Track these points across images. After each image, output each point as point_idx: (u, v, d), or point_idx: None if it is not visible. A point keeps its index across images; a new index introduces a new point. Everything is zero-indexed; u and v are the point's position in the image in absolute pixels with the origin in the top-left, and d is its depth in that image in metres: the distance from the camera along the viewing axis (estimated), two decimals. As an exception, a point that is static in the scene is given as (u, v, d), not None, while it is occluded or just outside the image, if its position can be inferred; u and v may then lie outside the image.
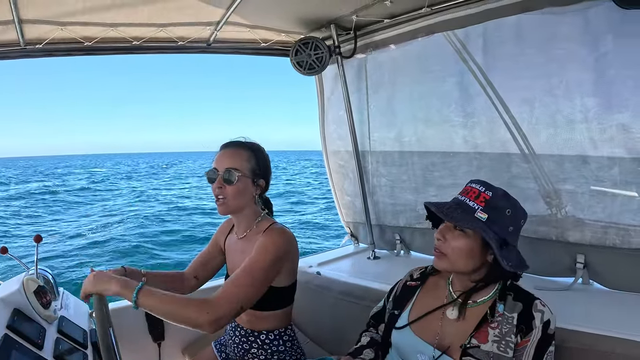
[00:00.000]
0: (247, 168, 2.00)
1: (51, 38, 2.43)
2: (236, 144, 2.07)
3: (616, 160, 2.15)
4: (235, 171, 1.95)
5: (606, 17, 2.02)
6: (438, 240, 1.64)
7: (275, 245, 1.89)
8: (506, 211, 1.59)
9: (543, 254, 2.46)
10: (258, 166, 2.04)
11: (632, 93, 2.04)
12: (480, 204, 1.57)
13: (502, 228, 1.57)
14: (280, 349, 2.12)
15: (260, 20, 2.76)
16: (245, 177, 1.99)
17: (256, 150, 2.07)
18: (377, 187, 3.33)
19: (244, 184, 1.99)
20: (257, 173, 2.03)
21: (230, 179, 1.95)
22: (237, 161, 1.99)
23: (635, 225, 2.15)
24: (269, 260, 1.85)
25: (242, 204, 2.03)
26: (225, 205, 1.99)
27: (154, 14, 2.44)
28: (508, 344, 1.48)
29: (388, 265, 3.13)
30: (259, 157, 2.06)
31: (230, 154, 2.02)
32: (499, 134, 2.54)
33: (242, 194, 2.00)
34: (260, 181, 2.06)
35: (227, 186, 1.97)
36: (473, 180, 1.68)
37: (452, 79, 2.68)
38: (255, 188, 2.04)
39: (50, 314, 1.82)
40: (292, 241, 1.99)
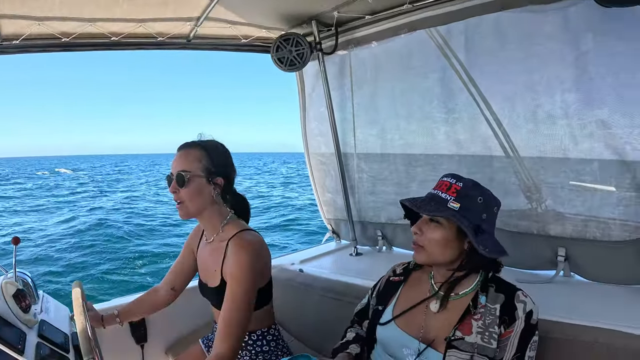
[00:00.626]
0: (198, 167, 1.94)
1: (28, 34, 2.36)
2: (187, 145, 2.01)
3: (595, 155, 2.20)
4: (185, 173, 1.91)
5: (586, 15, 2.06)
6: (415, 234, 1.67)
7: (249, 264, 1.86)
8: (477, 199, 1.62)
9: (525, 247, 2.51)
10: (212, 164, 1.98)
11: (612, 89, 2.08)
12: (452, 195, 1.61)
13: (475, 215, 1.60)
14: (265, 349, 2.12)
15: (241, 16, 2.73)
16: (198, 177, 1.93)
17: (209, 148, 2.02)
18: (358, 184, 3.34)
19: (197, 185, 1.93)
20: (211, 171, 1.97)
21: (182, 181, 1.91)
22: (188, 162, 1.94)
23: (615, 219, 2.20)
24: (248, 283, 1.85)
25: (200, 206, 1.97)
26: (184, 209, 1.95)
27: (133, 8, 2.39)
28: (492, 335, 1.51)
29: (370, 262, 3.15)
30: (213, 155, 2.00)
31: (180, 155, 1.98)
32: (481, 130, 2.57)
33: (198, 195, 1.94)
34: (217, 179, 1.98)
35: (180, 189, 1.92)
36: (446, 174, 1.71)
37: (433, 75, 2.70)
38: (212, 187, 1.97)
39: (31, 318, 1.79)
40: (262, 248, 1.97)
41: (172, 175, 1.94)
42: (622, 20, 1.97)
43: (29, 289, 2.04)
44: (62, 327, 1.97)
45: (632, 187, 2.13)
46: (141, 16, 2.50)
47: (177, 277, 2.30)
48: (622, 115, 2.07)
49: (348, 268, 2.99)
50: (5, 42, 2.41)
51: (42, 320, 1.89)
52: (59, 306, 2.24)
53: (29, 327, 1.76)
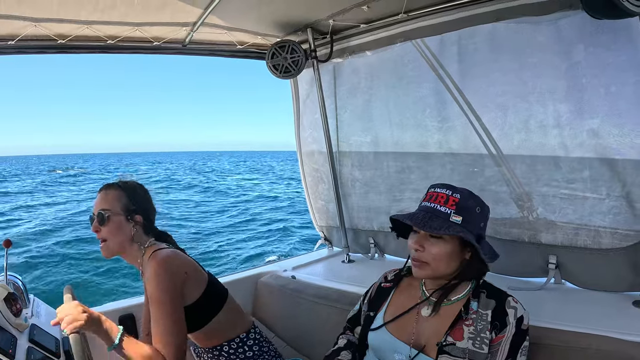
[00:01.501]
0: (117, 206, 2.01)
1: (24, 35, 2.35)
2: (107, 186, 2.08)
3: (586, 164, 2.23)
4: (105, 211, 1.97)
5: (578, 26, 2.10)
6: (417, 251, 1.65)
7: (159, 286, 1.87)
8: (476, 209, 1.65)
9: (516, 255, 2.52)
10: (130, 202, 2.05)
11: (603, 100, 2.11)
12: (451, 208, 1.61)
13: (476, 226, 1.63)
14: (249, 354, 2.12)
15: (237, 22, 2.75)
16: (117, 214, 1.99)
17: (127, 189, 2.09)
18: (351, 191, 3.35)
19: (117, 222, 1.99)
20: (130, 209, 2.03)
21: (102, 219, 1.97)
22: (107, 202, 2.01)
23: (605, 227, 2.22)
24: (166, 304, 1.85)
25: (121, 243, 2.01)
26: (106, 247, 2.00)
27: (131, 12, 2.39)
28: (483, 340, 1.52)
29: (362, 269, 3.15)
30: (131, 194, 2.07)
31: (101, 197, 2.04)
32: (473, 139, 2.59)
33: (118, 232, 1.99)
34: (136, 217, 2.04)
35: (101, 227, 1.98)
36: (434, 185, 1.72)
37: (427, 84, 2.72)
38: (131, 225, 2.02)
39: (21, 322, 1.77)
40: (174, 263, 1.96)
41: (94, 215, 2.00)
42: (613, 32, 2.02)
43: (20, 293, 2.02)
44: (53, 331, 1.93)
45: (621, 196, 2.16)
46: (138, 20, 2.50)
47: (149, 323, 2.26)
48: (612, 125, 2.11)
49: (340, 275, 3.00)
50: (1, 42, 2.39)
51: (33, 324, 1.86)
52: (50, 310, 2.20)
53: (19, 331, 1.73)
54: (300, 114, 3.49)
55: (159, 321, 1.83)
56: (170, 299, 1.85)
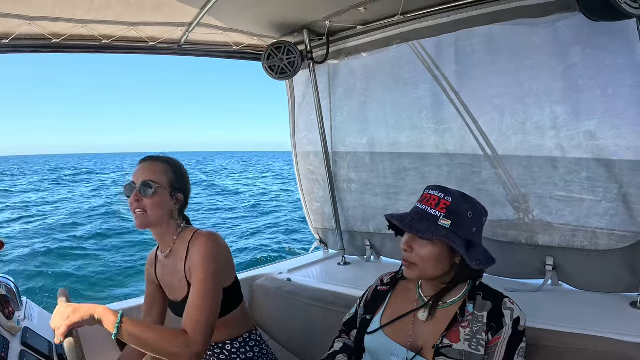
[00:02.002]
0: (164, 180, 1.95)
1: (18, 33, 2.32)
2: (153, 158, 2.03)
3: (583, 166, 2.23)
4: (152, 183, 1.90)
5: (575, 29, 2.10)
6: (405, 251, 1.65)
7: (212, 252, 1.86)
8: (467, 214, 1.62)
9: (513, 257, 2.52)
10: (176, 179, 2.00)
11: (600, 102, 2.12)
12: (441, 211, 1.60)
13: (466, 231, 1.61)
14: (249, 355, 2.09)
15: (233, 23, 2.73)
16: (163, 189, 1.93)
17: (174, 165, 2.04)
18: (347, 193, 3.34)
19: (161, 196, 1.93)
20: (175, 186, 1.98)
21: (147, 190, 1.89)
22: (155, 174, 1.94)
23: (602, 228, 2.23)
24: (212, 271, 1.82)
25: (160, 217, 1.95)
26: (143, 217, 1.92)
27: (126, 12, 2.37)
28: (479, 342, 1.52)
29: (358, 271, 3.14)
30: (177, 171, 2.02)
31: (147, 166, 1.97)
32: (470, 140, 2.59)
33: (160, 206, 1.93)
34: (179, 195, 2.00)
35: (144, 198, 1.90)
36: (430, 186, 1.71)
37: (423, 86, 2.73)
38: (173, 202, 1.98)
39: (14, 325, 1.76)
40: (221, 241, 1.96)
41: (135, 184, 1.91)
42: (610, 34, 2.02)
43: (12, 295, 1.99)
44: (46, 334, 1.92)
45: (618, 198, 2.16)
46: (133, 20, 2.49)
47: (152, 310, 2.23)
48: (609, 127, 2.12)
49: (336, 277, 2.99)
50: (-5, 41, 2.37)
51: (26, 327, 1.85)
52: (43, 313, 2.19)
53: (12, 334, 1.73)
54: (295, 115, 3.47)
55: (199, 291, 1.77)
56: (215, 272, 1.83)
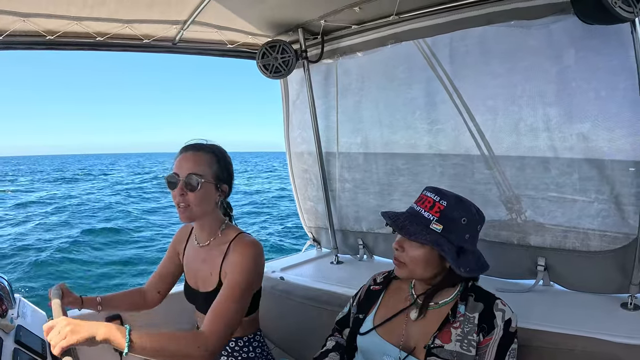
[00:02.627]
0: (209, 173, 1.90)
1: (12, 30, 2.29)
2: (198, 147, 1.96)
3: (576, 167, 2.24)
4: (197, 177, 1.85)
5: (569, 31, 2.10)
6: (396, 250, 1.66)
7: (253, 261, 1.85)
8: (461, 220, 1.61)
9: (505, 257, 2.53)
10: (221, 170, 1.95)
11: (593, 104, 2.12)
12: (435, 215, 1.60)
13: (458, 237, 1.60)
14: (251, 355, 2.08)
15: (228, 21, 2.72)
16: (208, 182, 1.89)
17: (219, 154, 1.98)
18: (340, 192, 3.34)
19: (207, 190, 1.88)
20: (220, 178, 1.94)
21: (193, 185, 1.84)
22: (200, 166, 1.89)
23: (594, 229, 2.24)
24: (248, 280, 1.82)
25: (205, 211, 1.92)
26: (189, 212, 1.88)
27: (121, 9, 2.35)
28: (470, 343, 1.53)
29: (351, 270, 3.14)
30: (222, 161, 1.97)
31: (191, 157, 1.91)
32: (463, 141, 2.60)
33: (206, 200, 1.89)
34: (224, 186, 1.96)
35: (189, 192, 1.85)
36: (428, 187, 1.70)
37: (417, 86, 2.72)
38: (218, 193, 1.95)
39: (7, 323, 1.75)
40: (262, 251, 1.94)
41: (178, 177, 1.87)
42: (604, 37, 2.02)
43: (5, 293, 1.97)
44: (39, 333, 1.91)
45: (610, 199, 2.17)
46: (128, 17, 2.46)
47: (163, 281, 2.26)
48: (602, 129, 2.12)
49: (329, 276, 2.98)
50: (-12, 37, 2.34)
51: (19, 325, 1.84)
52: (37, 311, 2.18)
53: (5, 332, 1.72)
54: (289, 114, 3.46)
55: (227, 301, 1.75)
56: (248, 287, 1.82)
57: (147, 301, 2.25)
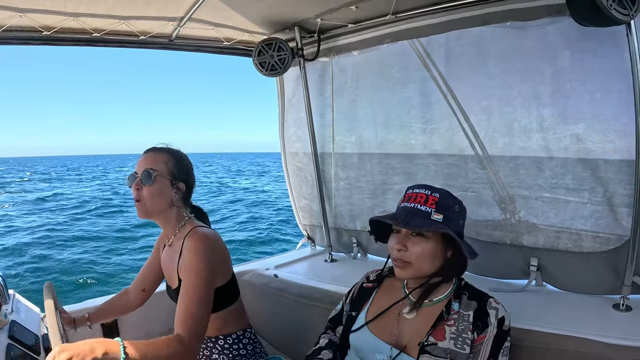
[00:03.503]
0: (164, 169, 1.97)
1: (9, 25, 2.28)
2: (156, 148, 2.06)
3: (569, 168, 2.23)
4: (152, 171, 1.93)
5: (564, 33, 2.10)
6: (399, 251, 1.64)
7: (203, 257, 1.86)
8: (455, 207, 1.66)
9: (498, 257, 2.53)
10: (177, 169, 2.02)
11: (587, 106, 2.12)
12: (432, 207, 1.61)
13: (456, 224, 1.64)
14: (242, 352, 2.09)
15: (225, 18, 2.71)
16: (163, 177, 1.96)
17: (176, 155, 2.06)
18: (335, 191, 3.33)
19: (161, 185, 1.95)
20: (175, 175, 2.00)
21: (147, 178, 1.92)
22: (155, 163, 1.97)
23: (587, 230, 2.23)
24: (203, 277, 1.83)
25: (159, 206, 1.98)
26: (142, 206, 1.94)
27: (118, 5, 2.34)
28: (465, 341, 1.52)
29: (345, 268, 3.13)
30: (179, 161, 2.04)
31: (148, 156, 2.00)
32: (457, 141, 2.59)
33: (160, 195, 1.95)
34: (180, 184, 2.02)
35: (144, 187, 1.93)
36: (411, 186, 1.72)
37: (413, 86, 2.71)
38: (174, 190, 2.00)
39: (1, 318, 1.75)
40: (216, 243, 1.98)
41: (137, 174, 1.94)
42: (599, 39, 2.02)
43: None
44: (33, 328, 1.91)
45: (603, 201, 2.17)
46: (125, 13, 2.46)
47: (147, 279, 2.29)
48: (596, 131, 2.12)
49: (322, 274, 2.98)
50: (-15, 33, 2.32)
51: (13, 320, 1.83)
52: (30, 307, 2.17)
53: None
54: (285, 112, 3.45)
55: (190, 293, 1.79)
56: (207, 274, 1.84)
57: (131, 301, 2.31)
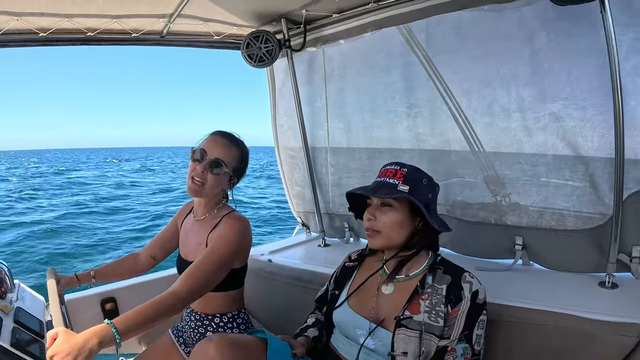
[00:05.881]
0: (233, 165, 2.05)
1: (7, 29, 2.35)
2: (232, 138, 2.09)
3: (549, 147, 2.24)
4: (224, 164, 2.00)
5: (540, 13, 2.10)
6: (369, 220, 1.71)
7: (237, 234, 1.94)
8: (423, 180, 1.72)
9: (483, 236, 2.54)
10: (241, 168, 2.10)
11: (564, 84, 2.11)
12: (399, 179, 1.67)
13: (423, 196, 1.68)
14: (235, 331, 2.13)
15: (213, 13, 2.73)
16: (227, 173, 2.03)
17: (245, 153, 2.12)
18: (325, 177, 3.36)
19: (224, 178, 2.04)
20: (237, 173, 2.09)
21: (216, 168, 1.99)
22: (228, 156, 2.02)
23: (569, 209, 2.24)
24: (231, 249, 1.90)
25: (214, 193, 2.06)
26: (200, 189, 2.01)
27: (108, 5, 2.38)
28: (438, 314, 1.56)
29: (337, 252, 3.15)
30: (245, 160, 2.12)
31: (224, 144, 2.04)
32: (440, 124, 2.61)
33: (219, 185, 2.04)
34: (235, 180, 2.11)
35: (209, 174, 1.99)
36: (387, 163, 1.79)
37: (396, 72, 2.73)
38: (229, 184, 2.09)
39: (7, 304, 1.81)
40: (249, 228, 2.03)
41: (206, 155, 2.00)
42: (574, 19, 2.01)
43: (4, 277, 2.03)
44: (37, 314, 1.97)
45: (585, 178, 2.17)
46: (116, 12, 2.50)
47: (159, 247, 2.38)
48: (575, 109, 2.12)
49: (315, 258, 3.02)
50: (-16, 36, 2.37)
51: (18, 307, 1.89)
52: (35, 295, 2.23)
53: (5, 313, 1.77)
54: (276, 102, 3.48)
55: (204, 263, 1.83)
56: (227, 255, 1.89)
57: (139, 265, 2.38)
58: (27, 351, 1.59)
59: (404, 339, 1.56)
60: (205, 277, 1.80)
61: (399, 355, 1.55)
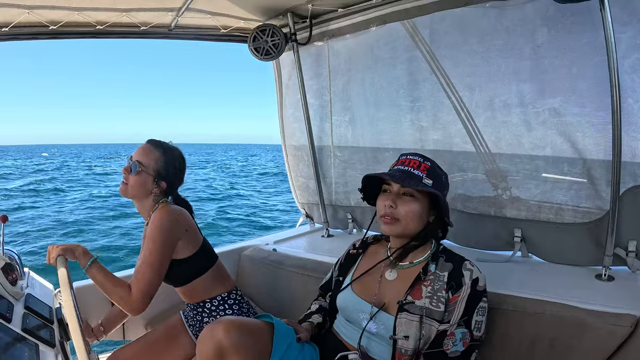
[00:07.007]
0: (152, 167, 2.12)
1: (17, 21, 2.38)
2: (154, 143, 2.19)
3: (548, 142, 2.27)
4: (140, 165, 2.09)
5: (542, 11, 2.13)
6: (390, 208, 1.71)
7: (159, 229, 2.00)
8: (442, 177, 1.74)
9: (484, 228, 2.58)
10: (164, 169, 2.15)
11: (564, 80, 2.14)
12: (423, 172, 1.69)
13: (442, 191, 1.71)
14: (228, 312, 2.20)
15: (221, 7, 2.75)
16: (147, 173, 2.11)
17: (168, 155, 2.19)
18: (329, 169, 3.39)
19: (144, 179, 2.11)
20: (161, 175, 2.15)
21: (134, 169, 2.09)
22: (146, 157, 2.12)
23: (567, 203, 2.28)
24: (158, 246, 1.98)
25: (137, 194, 2.13)
26: (124, 188, 2.13)
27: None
28: (439, 299, 1.59)
29: (340, 242, 3.19)
30: (168, 162, 2.17)
31: (145, 149, 2.16)
32: (442, 117, 2.65)
33: (140, 186, 2.11)
34: (162, 183, 2.16)
35: (130, 175, 2.10)
36: (405, 153, 1.78)
37: (401, 66, 2.76)
38: (154, 186, 2.14)
39: (18, 290, 1.85)
40: (178, 216, 2.10)
41: (130, 160, 2.14)
42: (575, 16, 2.05)
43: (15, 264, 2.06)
44: (47, 301, 2.02)
45: (583, 173, 2.20)
46: (125, 6, 2.52)
47: None
48: (574, 104, 2.15)
49: (318, 248, 3.06)
50: (-5, 29, 2.39)
51: (29, 294, 1.94)
52: (44, 283, 2.28)
53: (16, 299, 1.81)
54: (283, 95, 3.51)
55: (145, 257, 1.96)
56: (163, 243, 1.98)
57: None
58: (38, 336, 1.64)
59: (405, 322, 1.59)
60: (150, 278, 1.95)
61: (401, 338, 1.59)
